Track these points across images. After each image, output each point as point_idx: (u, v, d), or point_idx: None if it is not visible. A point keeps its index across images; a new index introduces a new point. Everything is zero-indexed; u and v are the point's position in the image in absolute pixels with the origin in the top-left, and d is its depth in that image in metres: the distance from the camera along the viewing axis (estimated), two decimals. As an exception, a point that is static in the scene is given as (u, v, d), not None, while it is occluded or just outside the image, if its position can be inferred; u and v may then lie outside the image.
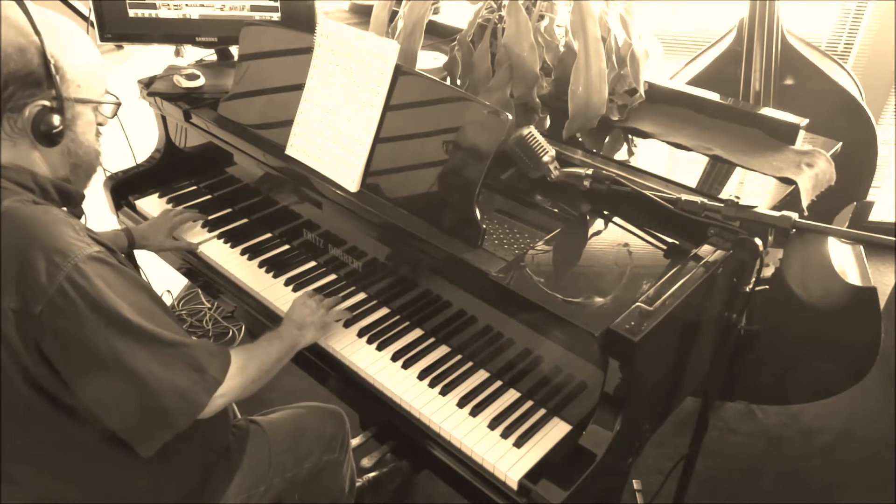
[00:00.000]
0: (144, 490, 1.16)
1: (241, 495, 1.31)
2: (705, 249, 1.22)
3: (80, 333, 0.97)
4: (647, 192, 1.25)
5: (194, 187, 1.96)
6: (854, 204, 2.06)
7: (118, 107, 1.17)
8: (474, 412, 1.27)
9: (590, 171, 1.31)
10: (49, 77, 1.02)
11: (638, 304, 1.09)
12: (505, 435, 1.22)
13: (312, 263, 1.65)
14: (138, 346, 1.00)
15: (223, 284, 1.65)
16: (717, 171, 1.48)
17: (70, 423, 1.06)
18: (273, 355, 1.26)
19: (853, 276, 1.98)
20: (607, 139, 1.59)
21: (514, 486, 1.14)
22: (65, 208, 1.11)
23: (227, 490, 1.29)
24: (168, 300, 2.66)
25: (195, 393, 1.06)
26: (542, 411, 1.27)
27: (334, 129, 1.45)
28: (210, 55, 2.03)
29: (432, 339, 1.43)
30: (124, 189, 1.92)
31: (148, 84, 1.87)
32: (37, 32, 1.00)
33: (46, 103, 1.02)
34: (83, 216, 1.20)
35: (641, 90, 1.59)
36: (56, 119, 1.04)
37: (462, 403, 1.28)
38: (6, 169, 1.04)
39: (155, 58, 2.15)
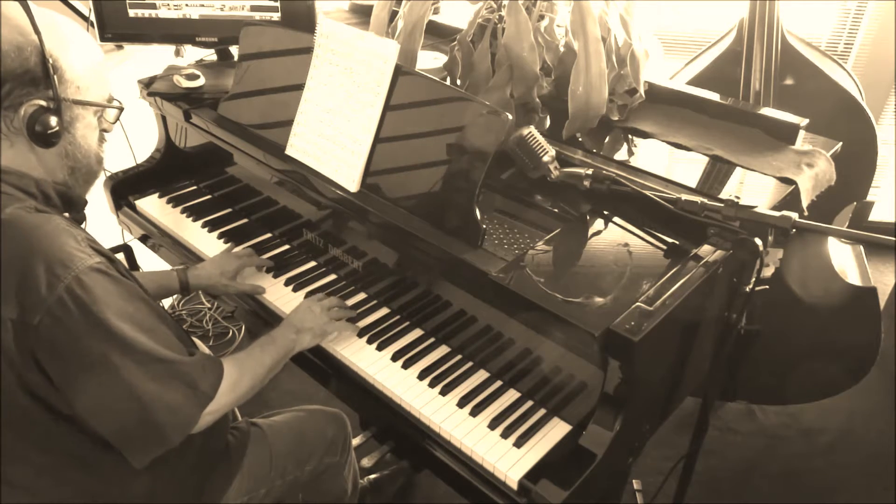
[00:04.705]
0: (143, 492, 1.16)
1: (242, 497, 1.31)
2: (705, 249, 1.22)
3: (76, 346, 0.96)
4: (648, 192, 1.25)
5: (194, 187, 1.96)
6: (854, 204, 2.06)
7: (121, 112, 1.16)
8: (474, 412, 1.27)
9: (590, 171, 1.31)
10: (47, 77, 1.01)
11: (638, 304, 1.09)
12: (505, 435, 1.22)
13: (312, 263, 1.65)
14: (133, 362, 1.00)
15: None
16: (717, 171, 1.48)
17: (67, 430, 1.05)
18: (266, 364, 1.25)
19: (853, 276, 1.98)
20: (607, 139, 1.59)
21: (514, 486, 1.14)
22: (66, 214, 1.11)
23: (226, 492, 1.29)
24: (168, 300, 2.65)
25: (187, 408, 1.06)
26: (542, 411, 1.27)
27: (334, 129, 1.45)
28: (210, 55, 2.03)
29: (432, 339, 1.43)
30: (124, 189, 1.92)
31: (148, 84, 1.87)
32: (36, 31, 0.99)
33: (43, 103, 1.02)
34: (85, 221, 1.19)
35: (641, 90, 1.59)
36: (52, 120, 1.02)
37: (462, 403, 1.28)
38: (7, 174, 1.03)
39: (155, 58, 2.15)
